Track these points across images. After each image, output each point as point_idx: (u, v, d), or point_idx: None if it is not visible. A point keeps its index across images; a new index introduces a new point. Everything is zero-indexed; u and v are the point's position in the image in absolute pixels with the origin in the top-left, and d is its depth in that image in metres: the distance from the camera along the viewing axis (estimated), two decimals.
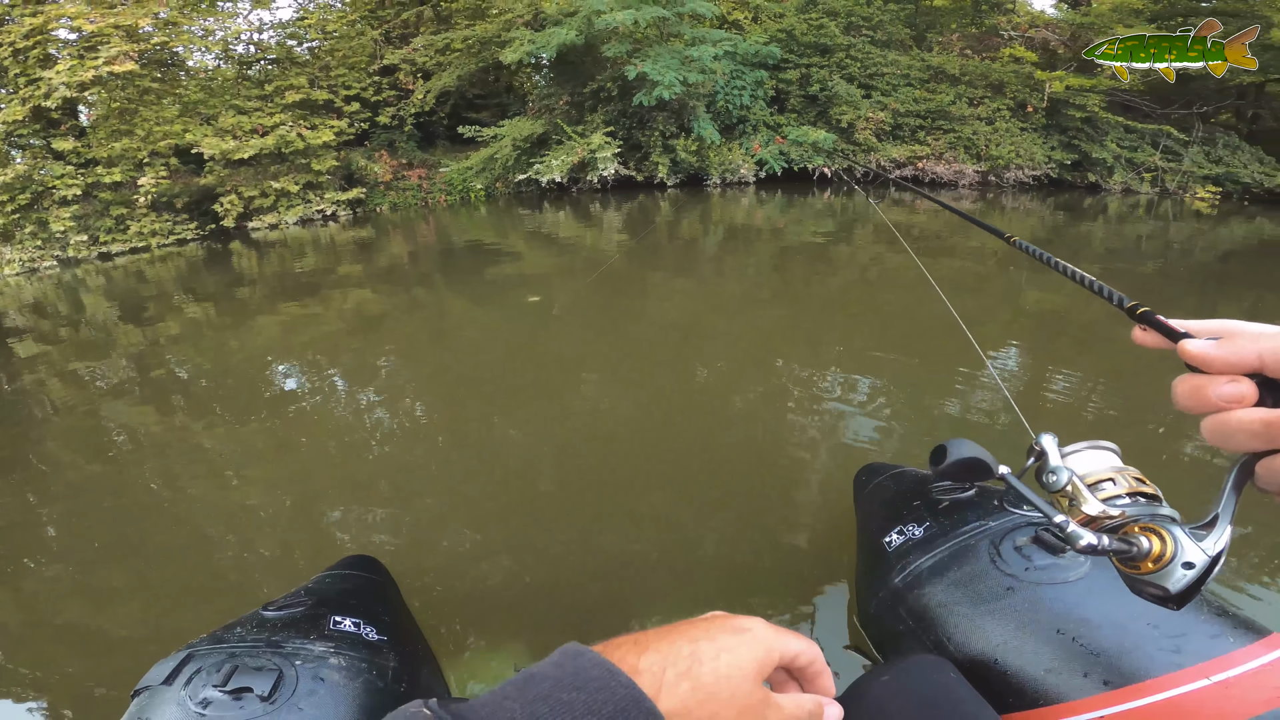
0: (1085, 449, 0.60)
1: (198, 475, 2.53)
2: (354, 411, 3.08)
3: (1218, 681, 0.89)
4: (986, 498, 1.37)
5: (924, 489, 1.47)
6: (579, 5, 8.62)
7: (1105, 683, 0.95)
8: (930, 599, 1.21)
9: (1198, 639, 0.96)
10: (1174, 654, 0.95)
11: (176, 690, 0.93)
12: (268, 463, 2.61)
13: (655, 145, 9.19)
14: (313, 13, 9.94)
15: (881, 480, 1.65)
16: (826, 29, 10.12)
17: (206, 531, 2.14)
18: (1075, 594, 1.08)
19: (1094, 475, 0.58)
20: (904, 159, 9.70)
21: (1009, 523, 1.26)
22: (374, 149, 9.52)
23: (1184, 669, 0.92)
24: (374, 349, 3.98)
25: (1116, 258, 6.29)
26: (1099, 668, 0.97)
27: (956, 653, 1.11)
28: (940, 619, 1.17)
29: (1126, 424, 2.76)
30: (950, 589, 1.19)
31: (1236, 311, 4.73)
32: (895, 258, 6.19)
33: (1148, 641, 0.98)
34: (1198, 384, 0.41)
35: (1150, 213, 8.52)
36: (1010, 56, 10.21)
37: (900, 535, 1.36)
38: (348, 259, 6.74)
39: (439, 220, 8.21)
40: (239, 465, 2.58)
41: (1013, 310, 4.65)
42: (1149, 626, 0.99)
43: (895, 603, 1.28)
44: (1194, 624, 0.99)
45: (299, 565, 1.94)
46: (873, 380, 3.17)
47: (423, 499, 2.29)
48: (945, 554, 1.25)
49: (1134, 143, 9.57)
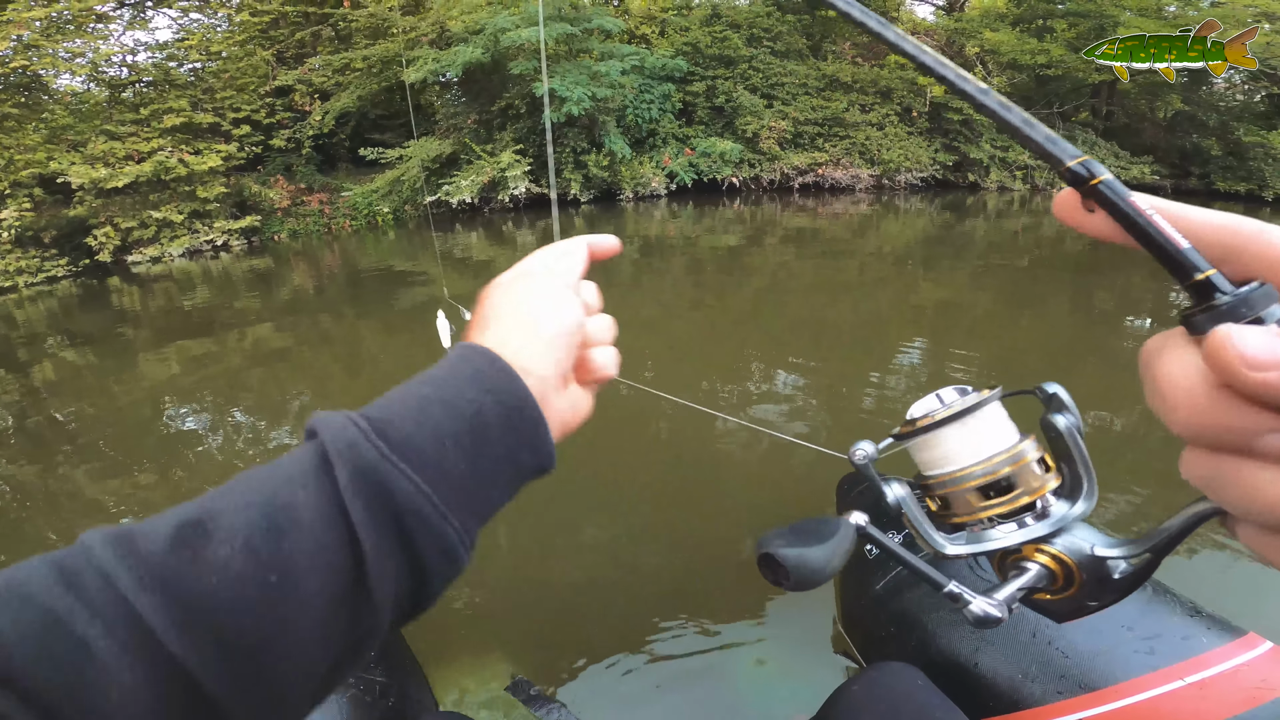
0: (916, 436, 0.43)
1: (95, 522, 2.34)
2: (265, 453, 2.94)
3: (1193, 682, 0.90)
4: None
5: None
6: (485, 23, 8.56)
7: (1081, 685, 0.96)
8: (910, 604, 1.23)
9: (1171, 640, 0.97)
10: (1148, 655, 0.95)
11: None
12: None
13: (567, 162, 9.23)
14: (195, 33, 9.37)
15: (864, 488, 1.66)
16: (730, 41, 10.48)
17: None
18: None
19: (943, 478, 0.42)
20: (805, 166, 10.17)
21: None
22: (269, 174, 9.06)
23: (1159, 670, 0.93)
24: (281, 385, 3.80)
25: (996, 252, 6.83)
26: (1075, 671, 0.98)
27: (937, 657, 1.12)
28: (920, 624, 1.19)
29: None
30: (929, 594, 1.20)
31: (1111, 298, 5.28)
32: (802, 263, 6.49)
33: (1122, 644, 0.98)
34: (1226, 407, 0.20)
35: (1024, 208, 9.31)
36: (895, 63, 10.91)
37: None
38: (244, 291, 6.37)
39: (344, 247, 7.91)
40: (136, 515, 2.42)
41: (912, 304, 4.97)
42: (1123, 629, 1.01)
43: (877, 609, 1.30)
44: (1167, 625, 1.00)
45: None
46: (804, 379, 3.33)
47: None
48: (924, 560, 1.28)
49: (1006, 143, 10.43)
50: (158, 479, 2.74)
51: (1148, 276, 5.94)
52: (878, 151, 10.21)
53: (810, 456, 2.65)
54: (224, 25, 9.82)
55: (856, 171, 10.17)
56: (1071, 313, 4.87)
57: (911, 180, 10.33)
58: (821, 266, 6.33)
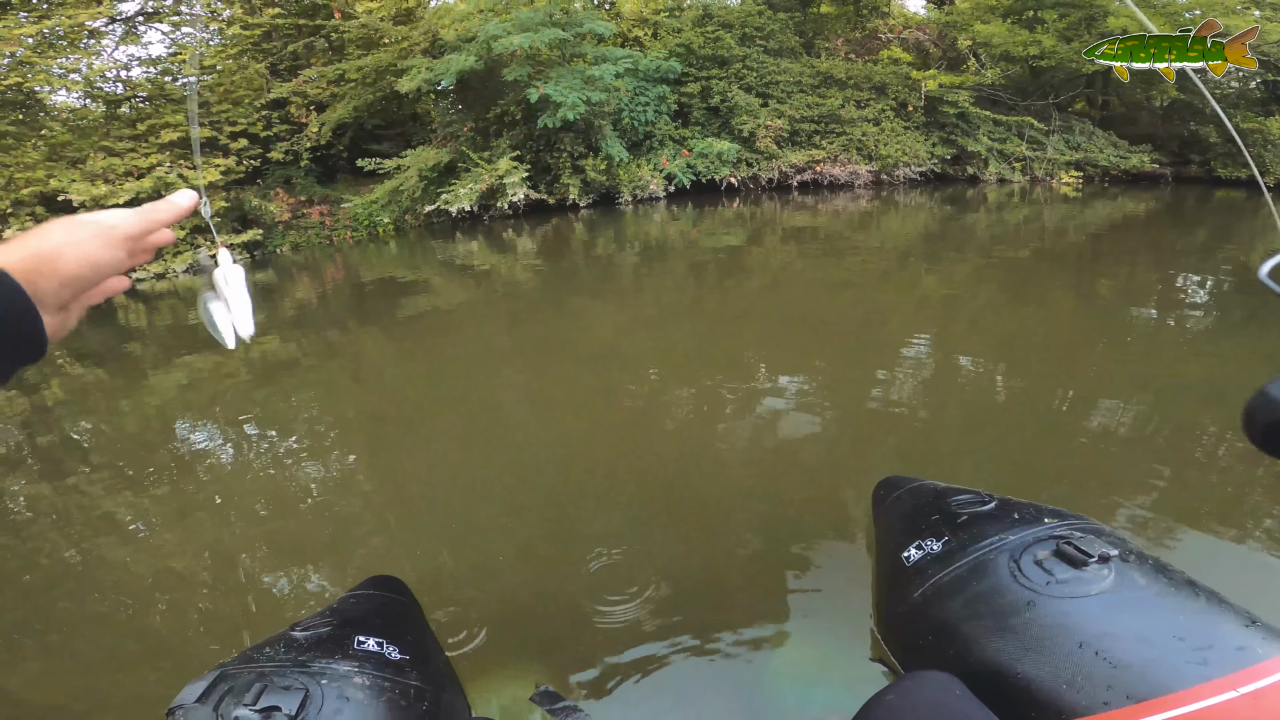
0: None
1: (115, 540, 2.36)
2: (275, 463, 2.95)
3: (1246, 693, 0.87)
4: (1006, 511, 1.36)
5: (942, 503, 1.46)
6: (477, 31, 8.56)
7: (1128, 696, 0.93)
8: (950, 613, 1.20)
9: (1224, 650, 0.94)
10: (1200, 666, 0.93)
11: (209, 709, 0.96)
12: (182, 527, 2.47)
13: (564, 167, 9.23)
14: (189, 47, 9.38)
15: (899, 494, 1.64)
16: (723, 41, 10.49)
17: (148, 596, 2.06)
18: (1098, 607, 1.06)
19: None
20: (803, 163, 10.18)
21: (1029, 536, 1.25)
22: (269, 187, 9.06)
23: (1211, 681, 0.90)
24: (289, 397, 3.80)
25: (1000, 244, 6.83)
26: (1123, 681, 0.95)
27: (977, 666, 1.09)
28: (960, 633, 1.16)
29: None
30: (970, 603, 1.18)
31: (1112, 287, 5.28)
32: (804, 261, 6.49)
33: (1173, 654, 0.96)
34: None
35: (1024, 199, 9.31)
36: (889, 58, 10.92)
37: (919, 550, 1.35)
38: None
39: (347, 258, 7.91)
40: (157, 530, 2.44)
41: (915, 298, 4.97)
42: (1174, 639, 0.98)
43: (915, 617, 1.27)
44: (1220, 635, 0.97)
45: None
46: (810, 376, 3.32)
47: (370, 541, 2.21)
48: (964, 569, 1.24)
49: (1002, 135, 10.44)
50: (170, 491, 2.75)
51: (1150, 267, 5.95)
52: (875, 147, 10.22)
53: (822, 455, 2.65)
54: (216, 39, 9.83)
55: (855, 167, 10.17)
56: (1075, 303, 4.86)
57: (910, 175, 10.33)
58: (823, 264, 6.33)
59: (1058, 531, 1.25)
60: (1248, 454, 2.43)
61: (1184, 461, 2.45)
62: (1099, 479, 2.34)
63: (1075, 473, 2.40)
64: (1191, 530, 2.00)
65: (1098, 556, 1.13)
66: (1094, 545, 1.16)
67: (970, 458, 2.59)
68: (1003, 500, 1.42)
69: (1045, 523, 1.29)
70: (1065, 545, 1.17)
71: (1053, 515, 1.33)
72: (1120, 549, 1.18)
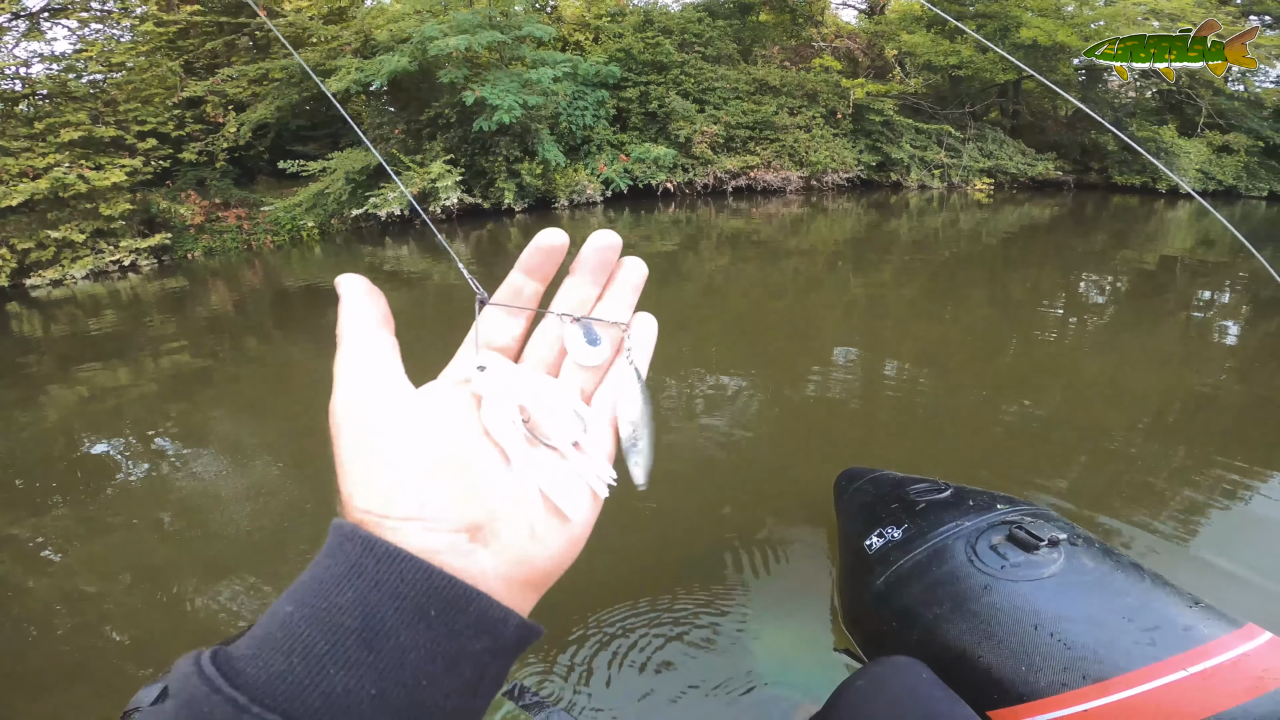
0: None
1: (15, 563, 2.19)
2: (190, 477, 2.81)
3: (1195, 673, 0.90)
4: (961, 498, 1.40)
5: (901, 491, 1.49)
6: (412, 32, 8.37)
7: (1084, 676, 0.96)
8: (912, 599, 1.21)
9: (1171, 631, 0.97)
10: (1149, 647, 0.96)
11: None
12: (90, 547, 2.34)
13: (500, 171, 9.13)
14: (96, 44, 8.81)
15: (860, 484, 1.66)
16: (662, 47, 10.60)
17: (47, 620, 1.93)
18: (1050, 590, 1.10)
19: None
20: (738, 169, 10.39)
21: (984, 522, 1.29)
22: (179, 189, 8.60)
23: (1161, 661, 0.93)
24: (204, 410, 3.63)
25: (921, 249, 7.15)
26: (1078, 662, 0.98)
27: (939, 651, 1.11)
28: (922, 619, 1.17)
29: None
30: (930, 589, 1.20)
31: (1024, 289, 5.61)
32: (739, 266, 6.63)
33: (1123, 635, 0.99)
34: None
35: (943, 205, 9.78)
36: (821, 66, 11.27)
37: (880, 538, 1.37)
38: (158, 314, 6.04)
39: (267, 263, 7.59)
40: (56, 550, 2.28)
41: (845, 301, 5.15)
42: (1123, 620, 1.01)
43: (878, 604, 1.28)
44: (1167, 616, 1.01)
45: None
46: (745, 380, 3.39)
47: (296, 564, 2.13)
48: (924, 555, 1.26)
49: (924, 142, 10.93)
50: (70, 511, 2.59)
51: (1057, 269, 6.35)
52: (806, 153, 10.53)
53: (760, 451, 2.70)
54: (127, 36, 9.29)
55: (787, 173, 10.45)
56: (990, 303, 5.15)
57: (838, 181, 10.70)
58: (757, 269, 6.48)
59: (1009, 517, 1.29)
60: (1146, 445, 2.67)
61: (1092, 451, 2.63)
62: (1020, 467, 2.50)
63: (992, 463, 2.56)
64: (1101, 515, 2.12)
65: (1048, 540, 1.18)
66: (1044, 530, 1.20)
67: (899, 450, 2.72)
68: (958, 488, 1.46)
69: (998, 509, 1.34)
70: (1017, 530, 1.21)
71: (1004, 502, 1.39)
72: (1069, 533, 1.23)
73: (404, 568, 0.25)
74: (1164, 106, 11.84)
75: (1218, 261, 6.53)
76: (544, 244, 0.34)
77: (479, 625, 0.26)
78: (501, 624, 0.26)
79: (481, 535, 0.28)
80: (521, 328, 0.35)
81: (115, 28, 9.23)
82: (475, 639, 0.25)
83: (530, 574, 0.29)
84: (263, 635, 0.24)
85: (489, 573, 0.27)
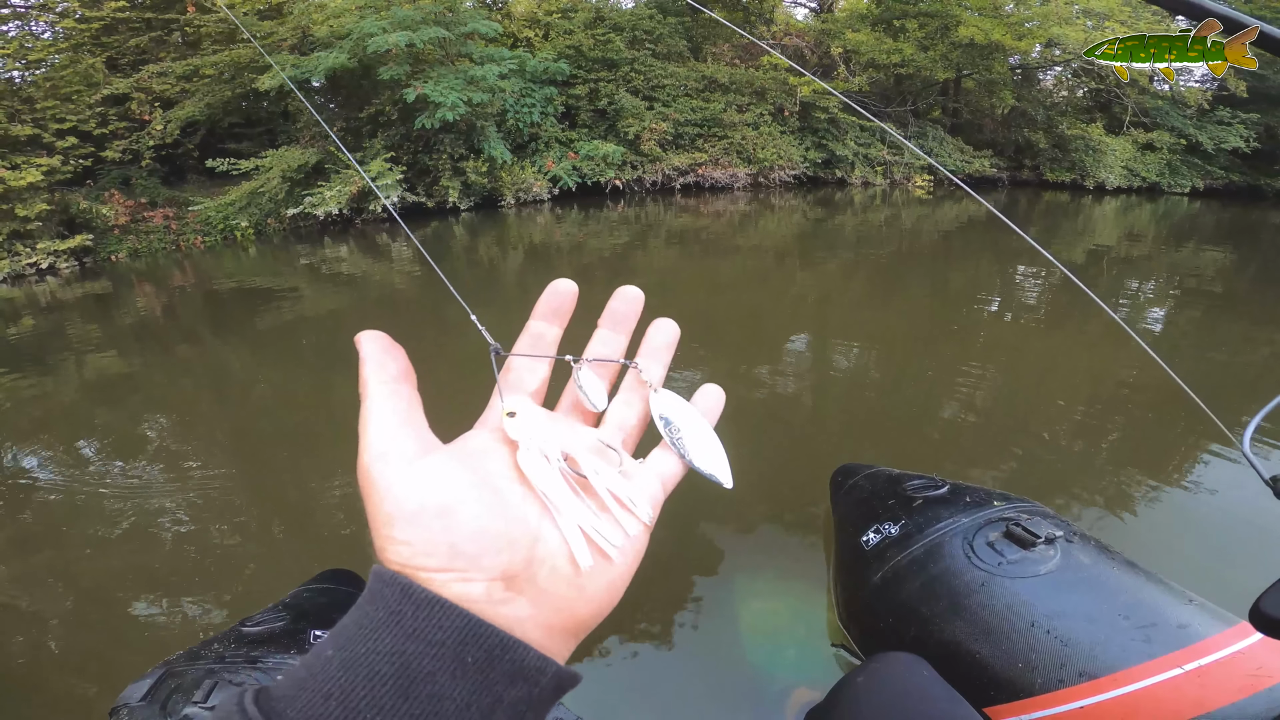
0: None
1: None
2: (117, 489, 2.69)
3: (1190, 670, 0.91)
4: (958, 494, 1.40)
5: (897, 487, 1.48)
6: (351, 28, 8.16)
7: (1080, 673, 0.96)
8: (909, 595, 1.21)
9: (1167, 629, 0.98)
10: (1145, 644, 0.96)
11: (155, 708, 0.90)
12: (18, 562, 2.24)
13: (444, 169, 8.98)
14: (11, 40, 8.36)
15: (856, 480, 1.65)
16: (613, 44, 10.56)
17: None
18: (1046, 587, 1.10)
19: None
20: (686, 166, 10.45)
21: (981, 518, 1.28)
22: (102, 188, 8.22)
23: (1156, 659, 0.93)
24: (133, 416, 3.49)
25: (865, 244, 7.31)
26: (1074, 659, 0.98)
27: (937, 648, 1.10)
28: (919, 615, 1.17)
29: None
30: (928, 585, 1.19)
31: (963, 280, 5.79)
32: (687, 262, 6.68)
33: (1119, 632, 0.99)
34: None
35: (885, 201, 10.01)
36: (769, 64, 11.40)
37: (877, 534, 1.37)
38: (79, 319, 5.76)
39: (197, 265, 7.30)
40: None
41: (793, 296, 5.22)
42: (1119, 618, 1.01)
43: (875, 601, 1.28)
44: (1162, 614, 1.01)
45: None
46: (700, 375, 3.40)
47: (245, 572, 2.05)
48: (921, 551, 1.25)
49: (867, 140, 11.16)
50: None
51: (993, 260, 6.57)
52: (753, 150, 10.65)
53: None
54: (47, 33, 8.85)
55: (734, 170, 10.55)
56: (932, 295, 5.32)
57: (785, 178, 10.85)
58: (706, 265, 6.53)
59: (1006, 514, 1.30)
60: (1079, 433, 2.80)
61: (1030, 439, 2.74)
62: (961, 453, 2.60)
63: (938, 450, 2.65)
64: (1042, 500, 2.22)
65: (1044, 537, 1.19)
66: (1041, 527, 1.21)
67: (851, 439, 2.81)
68: (954, 484, 1.47)
69: (994, 505, 1.34)
70: (1014, 527, 1.21)
71: (1000, 498, 1.40)
72: (1065, 530, 1.24)
73: (442, 615, 0.25)
74: (1094, 105, 12.31)
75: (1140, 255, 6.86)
76: (558, 290, 0.37)
77: (516, 674, 0.26)
78: (539, 673, 0.26)
79: (518, 583, 0.28)
80: (545, 374, 0.38)
81: (35, 24, 8.79)
82: (512, 687, 0.25)
83: (569, 621, 0.29)
84: (305, 676, 0.24)
85: (526, 620, 0.27)
